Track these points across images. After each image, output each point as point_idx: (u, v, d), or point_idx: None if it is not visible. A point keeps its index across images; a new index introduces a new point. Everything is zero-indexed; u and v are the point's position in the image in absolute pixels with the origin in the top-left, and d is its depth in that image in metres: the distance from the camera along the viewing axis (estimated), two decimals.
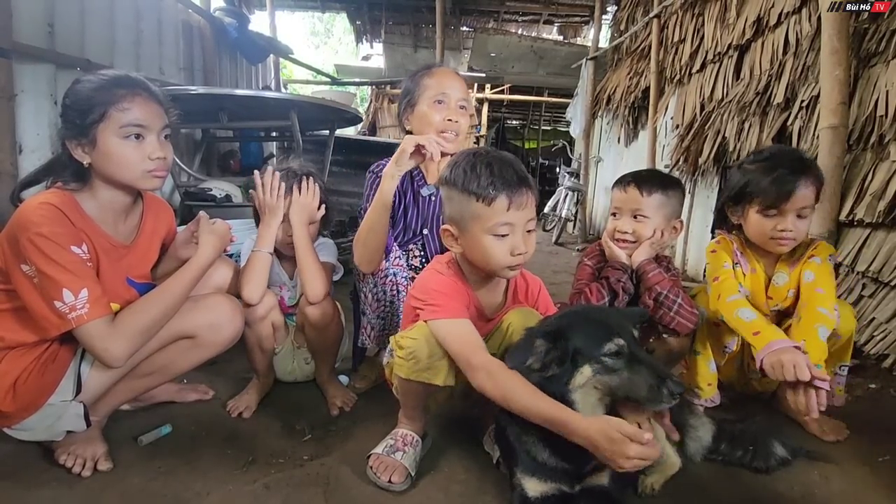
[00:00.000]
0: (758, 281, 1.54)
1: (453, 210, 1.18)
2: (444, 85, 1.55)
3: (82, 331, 1.10)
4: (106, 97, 1.16)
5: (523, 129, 13.49)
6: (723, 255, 1.57)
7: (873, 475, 1.33)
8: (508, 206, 1.11)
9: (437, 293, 1.17)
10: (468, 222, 1.14)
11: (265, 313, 1.54)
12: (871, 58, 2.36)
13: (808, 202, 1.44)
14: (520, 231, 1.14)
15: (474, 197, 1.12)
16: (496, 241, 1.13)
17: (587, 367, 1.00)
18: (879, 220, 2.17)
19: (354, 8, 8.66)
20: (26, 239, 1.07)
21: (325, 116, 3.30)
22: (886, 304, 2.14)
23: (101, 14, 3.30)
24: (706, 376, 1.53)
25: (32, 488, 1.18)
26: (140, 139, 1.20)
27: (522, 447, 1.08)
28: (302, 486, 1.22)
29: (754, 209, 1.49)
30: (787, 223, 1.44)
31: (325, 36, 19.49)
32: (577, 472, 1.07)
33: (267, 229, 1.54)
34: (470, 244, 1.17)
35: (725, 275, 1.53)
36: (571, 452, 1.01)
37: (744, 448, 1.35)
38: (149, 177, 1.23)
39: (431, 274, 1.23)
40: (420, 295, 1.19)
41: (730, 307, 1.44)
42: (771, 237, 1.48)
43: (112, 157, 1.18)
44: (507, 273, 1.18)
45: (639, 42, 5.39)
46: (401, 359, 1.18)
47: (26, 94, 2.70)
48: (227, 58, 5.14)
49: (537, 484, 1.07)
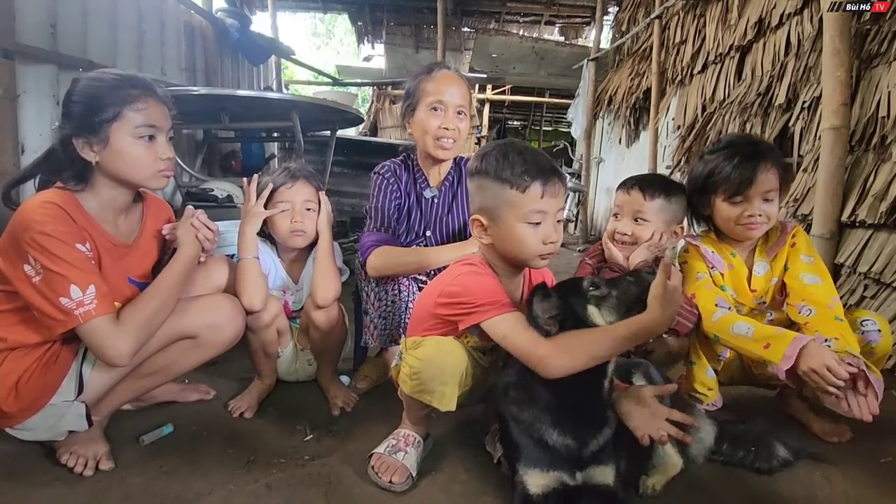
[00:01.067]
0: (738, 276, 1.52)
1: (485, 199, 1.16)
2: (442, 91, 1.55)
3: (89, 327, 1.10)
4: (121, 97, 1.17)
5: (525, 129, 13.49)
6: (694, 264, 1.54)
7: (876, 476, 1.33)
8: (542, 194, 1.11)
9: (483, 291, 1.13)
10: (501, 210, 1.13)
11: (270, 321, 1.54)
12: (872, 59, 2.36)
13: (771, 185, 1.43)
14: (551, 219, 1.14)
15: (508, 184, 1.11)
16: (529, 229, 1.12)
17: (590, 307, 1.09)
18: (881, 221, 2.16)
19: (356, 9, 8.68)
20: (30, 238, 1.07)
21: (326, 117, 3.31)
22: (888, 306, 2.14)
23: (104, 15, 3.31)
24: (706, 383, 1.52)
25: (34, 488, 1.18)
26: (152, 140, 1.22)
27: (531, 435, 1.09)
28: (303, 486, 1.22)
29: (720, 198, 1.48)
30: (754, 208, 1.44)
31: (327, 37, 19.51)
32: (581, 451, 1.07)
33: (243, 237, 1.52)
34: (502, 233, 1.15)
35: (699, 290, 1.48)
36: (579, 425, 1.08)
37: (745, 449, 1.35)
38: (159, 176, 1.25)
39: (469, 276, 1.18)
40: (462, 299, 1.14)
41: (722, 326, 1.38)
42: (739, 223, 1.47)
43: (126, 157, 1.19)
44: (538, 262, 1.17)
45: (640, 43, 5.39)
46: (405, 376, 1.19)
47: (29, 95, 2.71)
48: (228, 59, 5.15)
49: (539, 476, 1.07)
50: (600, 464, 1.08)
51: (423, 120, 1.56)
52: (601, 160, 6.30)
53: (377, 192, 1.62)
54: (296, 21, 21.98)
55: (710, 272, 1.52)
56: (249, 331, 1.50)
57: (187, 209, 1.40)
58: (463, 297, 1.14)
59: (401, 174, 1.65)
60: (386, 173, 1.63)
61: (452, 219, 1.64)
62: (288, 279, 1.70)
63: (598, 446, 1.08)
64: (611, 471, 1.08)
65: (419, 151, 1.66)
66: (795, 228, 1.52)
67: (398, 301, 1.59)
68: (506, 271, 1.23)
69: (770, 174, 1.43)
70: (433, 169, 1.65)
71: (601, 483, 1.08)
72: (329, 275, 1.54)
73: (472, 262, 1.21)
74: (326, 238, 1.61)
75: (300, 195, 1.60)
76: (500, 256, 1.20)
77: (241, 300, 1.44)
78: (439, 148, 1.56)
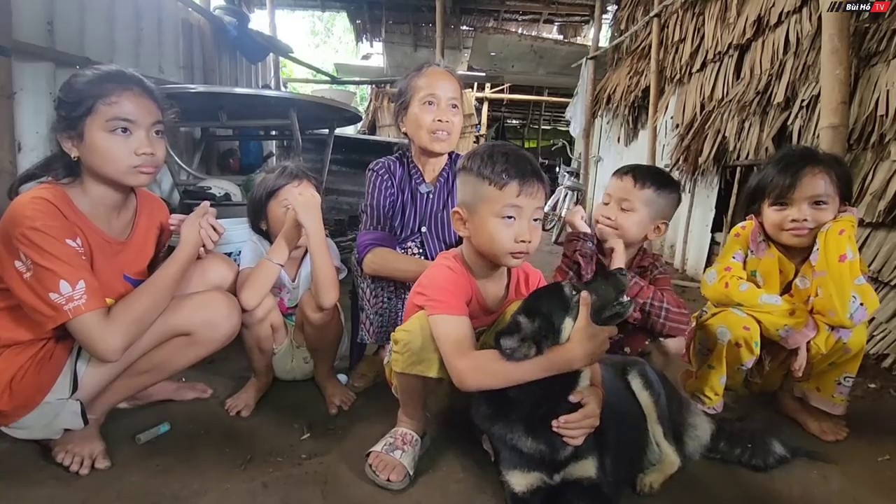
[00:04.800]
0: (772, 266, 1.53)
1: (465, 194, 1.22)
2: (434, 85, 1.56)
3: (78, 322, 1.09)
4: (95, 90, 1.16)
5: (523, 128, 13.50)
6: (736, 244, 1.60)
7: (873, 475, 1.33)
8: (519, 193, 1.14)
9: (441, 289, 1.19)
10: (478, 204, 1.18)
11: (264, 315, 1.54)
12: (871, 57, 2.36)
13: (818, 190, 1.42)
14: (526, 218, 1.17)
15: (487, 181, 1.15)
16: (502, 225, 1.15)
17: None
18: (879, 220, 2.17)
19: (354, 7, 8.67)
20: (20, 233, 1.07)
21: (324, 115, 3.30)
22: (886, 304, 2.14)
23: (101, 12, 3.29)
24: (715, 388, 1.52)
25: (30, 486, 1.18)
26: (127, 133, 1.19)
27: (507, 443, 1.10)
28: (300, 485, 1.22)
29: (767, 205, 1.51)
30: (797, 212, 1.44)
31: (325, 35, 19.45)
32: (554, 455, 1.08)
33: (282, 239, 1.50)
34: (477, 227, 1.19)
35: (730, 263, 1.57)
36: (548, 434, 1.07)
37: (742, 446, 1.35)
38: (135, 172, 1.21)
39: (440, 269, 1.25)
40: (425, 290, 1.21)
41: (750, 296, 1.47)
42: (784, 228, 1.47)
43: (97, 151, 1.17)
44: (509, 260, 1.19)
45: (639, 41, 5.39)
46: (396, 353, 1.21)
47: (26, 93, 2.69)
48: (226, 56, 5.13)
49: (520, 477, 1.09)
50: (579, 459, 1.09)
51: (417, 115, 1.56)
52: (600, 159, 6.29)
53: (372, 190, 1.62)
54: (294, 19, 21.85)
55: (747, 255, 1.57)
56: (244, 327, 1.49)
57: (202, 205, 1.39)
58: (427, 288, 1.21)
59: (395, 170, 1.65)
60: (380, 170, 1.63)
61: (447, 214, 1.64)
62: (285, 278, 1.70)
63: (571, 451, 1.09)
64: (591, 464, 1.09)
65: (414, 148, 1.66)
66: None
67: (394, 298, 1.59)
68: (483, 269, 1.26)
69: (818, 179, 1.42)
70: (428, 164, 1.66)
71: (583, 476, 1.08)
72: (327, 278, 1.51)
73: (448, 257, 1.27)
74: (317, 240, 1.49)
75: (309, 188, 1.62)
76: (476, 252, 1.24)
77: (241, 294, 1.43)
78: (435, 141, 1.57)
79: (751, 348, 1.45)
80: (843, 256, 1.35)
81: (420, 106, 1.56)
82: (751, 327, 1.43)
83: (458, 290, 1.20)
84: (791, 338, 1.41)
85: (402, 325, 1.24)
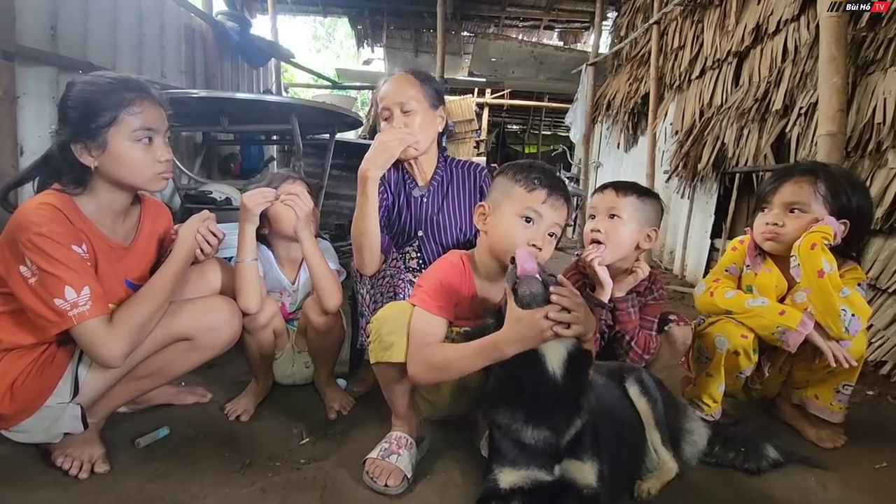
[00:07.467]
0: (768, 281, 1.52)
1: (495, 192, 1.29)
2: (384, 98, 1.57)
3: (82, 328, 1.10)
4: (116, 100, 1.17)
5: (523, 133, 13.53)
6: (731, 258, 1.61)
7: (871, 482, 1.33)
8: (545, 200, 1.21)
9: (433, 284, 1.23)
10: (504, 201, 1.24)
11: (267, 321, 1.54)
12: (868, 65, 2.38)
13: (797, 197, 1.43)
14: (544, 227, 1.22)
15: (518, 183, 1.23)
16: (520, 225, 1.21)
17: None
18: (877, 227, 2.17)
19: (356, 13, 8.70)
20: (26, 239, 1.07)
21: (325, 120, 3.31)
22: (884, 311, 2.15)
23: (104, 17, 3.31)
24: (713, 395, 1.52)
25: (29, 490, 1.18)
26: (150, 142, 1.22)
27: (510, 438, 1.08)
28: (299, 490, 1.22)
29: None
30: (771, 216, 1.46)
31: (327, 40, 19.54)
32: (558, 440, 1.06)
33: (242, 236, 1.49)
34: (497, 220, 1.25)
35: (720, 275, 1.60)
36: (551, 416, 1.06)
37: (736, 450, 1.36)
38: (158, 178, 1.26)
39: (444, 262, 1.29)
40: (422, 280, 1.26)
41: (737, 301, 1.48)
42: (760, 232, 1.49)
43: (125, 161, 1.19)
44: None
45: (639, 48, 5.42)
46: (370, 343, 1.25)
47: (29, 97, 2.71)
48: (228, 61, 5.15)
49: (510, 473, 1.07)
50: (577, 458, 1.06)
51: (383, 128, 1.58)
52: (600, 165, 6.31)
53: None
54: (296, 24, 22.02)
55: (743, 268, 1.58)
56: (246, 332, 1.50)
57: (202, 213, 1.39)
58: (424, 279, 1.27)
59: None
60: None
61: (444, 217, 1.64)
62: (285, 281, 1.70)
63: (574, 434, 1.06)
64: (591, 470, 1.06)
65: None
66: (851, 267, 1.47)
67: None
68: (489, 271, 1.29)
69: (799, 186, 1.43)
70: (416, 167, 1.66)
71: (583, 483, 1.05)
72: (327, 282, 1.52)
73: (456, 253, 1.32)
74: (308, 245, 1.51)
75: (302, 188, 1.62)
76: (488, 251, 1.27)
77: (238, 302, 1.43)
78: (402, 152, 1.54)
79: (749, 356, 1.45)
80: (820, 272, 1.34)
81: (382, 123, 1.59)
82: (749, 335, 1.44)
83: (449, 288, 1.24)
84: (790, 338, 1.40)
85: (376, 315, 1.27)
